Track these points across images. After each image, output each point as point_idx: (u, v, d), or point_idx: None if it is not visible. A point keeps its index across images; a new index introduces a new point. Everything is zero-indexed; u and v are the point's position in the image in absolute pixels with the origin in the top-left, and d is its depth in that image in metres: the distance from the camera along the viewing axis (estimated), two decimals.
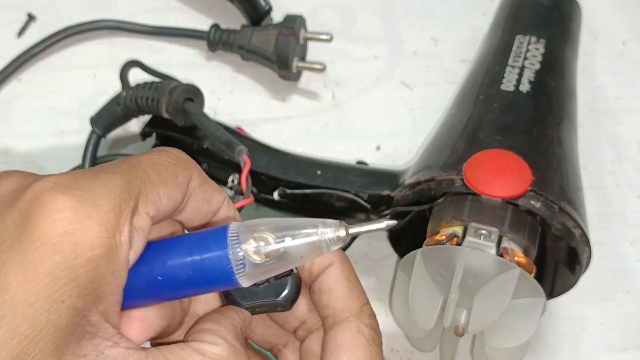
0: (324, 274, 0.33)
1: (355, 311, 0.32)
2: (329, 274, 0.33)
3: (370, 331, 0.32)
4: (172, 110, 0.47)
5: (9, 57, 0.57)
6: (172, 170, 0.29)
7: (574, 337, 0.48)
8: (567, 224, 0.41)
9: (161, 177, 0.28)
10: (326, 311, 0.33)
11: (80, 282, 0.25)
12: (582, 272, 0.43)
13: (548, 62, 0.50)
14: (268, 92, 0.58)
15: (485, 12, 0.61)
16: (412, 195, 0.44)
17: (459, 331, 0.40)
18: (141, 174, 0.28)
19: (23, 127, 0.55)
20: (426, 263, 0.41)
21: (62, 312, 0.24)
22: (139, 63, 0.53)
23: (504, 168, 0.42)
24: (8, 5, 0.61)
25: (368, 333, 0.32)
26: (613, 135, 0.57)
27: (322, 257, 0.33)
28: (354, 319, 0.32)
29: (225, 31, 0.57)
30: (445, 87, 0.58)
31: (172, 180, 0.29)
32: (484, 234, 0.40)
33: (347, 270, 0.33)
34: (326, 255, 0.33)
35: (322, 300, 0.33)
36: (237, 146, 0.42)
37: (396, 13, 0.63)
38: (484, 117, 0.47)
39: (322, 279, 0.33)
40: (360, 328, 0.32)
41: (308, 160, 0.50)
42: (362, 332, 0.32)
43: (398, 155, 0.55)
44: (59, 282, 0.24)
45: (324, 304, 0.33)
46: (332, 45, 0.57)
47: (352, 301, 0.33)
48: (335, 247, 0.29)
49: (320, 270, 0.33)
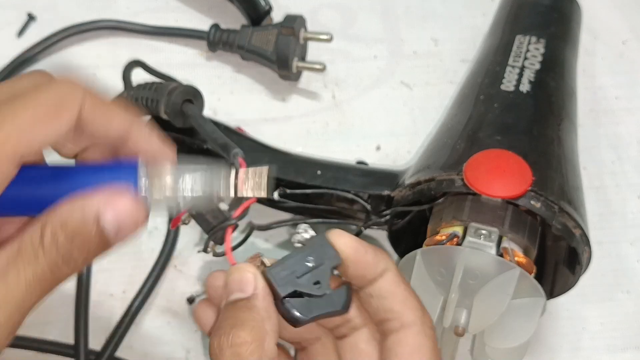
0: (382, 279, 0.34)
1: (419, 315, 0.33)
2: (388, 279, 0.34)
3: (434, 333, 0.34)
4: (171, 112, 0.47)
5: (9, 57, 0.57)
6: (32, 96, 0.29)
7: (574, 337, 0.49)
8: (567, 224, 0.41)
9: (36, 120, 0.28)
10: (389, 314, 0.33)
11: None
12: (582, 272, 0.43)
13: (548, 62, 0.50)
14: (268, 92, 0.58)
15: (485, 12, 0.61)
16: (412, 195, 0.44)
17: (459, 331, 0.40)
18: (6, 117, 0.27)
19: None
20: (426, 263, 0.41)
21: None
22: (141, 63, 0.53)
23: (504, 168, 0.42)
24: (8, 5, 0.61)
25: (433, 336, 0.33)
26: (613, 135, 0.57)
27: (376, 263, 0.34)
28: (420, 323, 0.33)
29: (225, 31, 0.57)
30: (445, 87, 0.58)
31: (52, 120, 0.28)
32: (484, 234, 0.40)
33: (402, 275, 0.34)
34: (380, 261, 0.34)
35: (383, 304, 0.34)
36: (232, 149, 0.42)
37: (396, 13, 0.63)
38: (484, 117, 0.47)
39: (380, 284, 0.34)
40: (426, 331, 0.33)
41: (308, 160, 0.50)
42: (428, 335, 0.33)
43: (398, 155, 0.55)
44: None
45: (386, 307, 0.34)
46: (332, 45, 0.57)
47: (415, 305, 0.34)
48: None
49: (376, 275, 0.34)
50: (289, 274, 0.32)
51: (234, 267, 0.33)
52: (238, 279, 0.32)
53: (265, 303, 0.32)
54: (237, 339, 0.30)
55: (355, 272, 0.33)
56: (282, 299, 0.32)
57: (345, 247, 0.33)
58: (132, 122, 0.31)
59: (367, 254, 0.34)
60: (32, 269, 0.27)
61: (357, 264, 0.33)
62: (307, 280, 0.32)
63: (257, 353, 0.30)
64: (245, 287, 0.32)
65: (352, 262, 0.33)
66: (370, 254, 0.34)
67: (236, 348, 0.30)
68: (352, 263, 0.33)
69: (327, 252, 0.33)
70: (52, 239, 0.28)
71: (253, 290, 0.32)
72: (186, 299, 0.49)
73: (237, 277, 0.32)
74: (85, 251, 0.28)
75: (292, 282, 0.32)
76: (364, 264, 0.33)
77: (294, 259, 0.32)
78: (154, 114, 0.48)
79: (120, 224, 0.28)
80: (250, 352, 0.30)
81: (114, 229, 0.28)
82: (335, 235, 0.33)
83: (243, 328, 0.30)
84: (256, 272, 0.32)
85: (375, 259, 0.34)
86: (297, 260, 0.32)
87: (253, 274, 0.32)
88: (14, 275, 0.27)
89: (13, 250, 0.28)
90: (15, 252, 0.28)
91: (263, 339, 0.30)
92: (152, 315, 0.48)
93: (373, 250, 0.34)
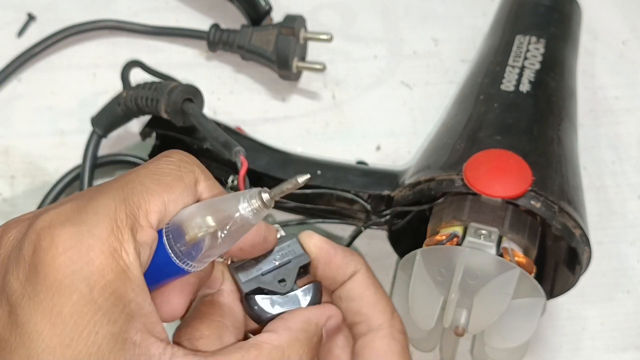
0: (351, 281, 0.34)
1: (388, 317, 0.33)
2: (357, 280, 0.34)
3: (403, 337, 0.33)
4: (171, 111, 0.47)
5: (9, 57, 0.57)
6: (176, 175, 0.29)
7: (574, 337, 0.48)
8: (567, 224, 0.41)
9: (163, 185, 0.28)
10: (357, 318, 0.33)
11: (104, 309, 0.26)
12: (582, 272, 0.43)
13: (548, 62, 0.50)
14: (268, 92, 0.58)
15: (485, 12, 0.61)
16: (412, 195, 0.44)
17: (459, 331, 0.40)
18: (138, 188, 0.28)
19: (23, 127, 0.55)
20: (426, 263, 0.41)
21: (100, 342, 0.25)
22: (140, 63, 0.53)
23: (504, 168, 0.42)
24: (8, 5, 0.61)
25: (402, 339, 0.33)
26: (613, 135, 0.57)
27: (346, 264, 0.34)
28: (388, 326, 0.33)
29: (225, 31, 0.57)
30: (445, 87, 0.58)
31: (178, 185, 0.29)
32: (484, 234, 0.40)
33: (373, 277, 0.34)
34: (350, 262, 0.34)
35: (351, 307, 0.34)
36: (234, 147, 0.42)
37: (396, 13, 0.63)
38: (484, 117, 0.47)
39: (349, 286, 0.34)
40: (394, 335, 0.33)
41: (308, 160, 0.50)
42: (396, 339, 0.33)
43: (398, 155, 0.55)
44: (85, 317, 0.25)
45: (354, 310, 0.33)
46: (332, 45, 0.57)
47: (383, 307, 0.33)
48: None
49: (346, 277, 0.34)
50: (253, 271, 0.32)
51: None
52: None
53: (229, 299, 0.32)
54: (196, 331, 0.30)
55: (325, 273, 0.33)
56: (245, 295, 0.32)
57: (314, 247, 0.33)
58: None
59: (337, 255, 0.33)
60: None
61: (327, 265, 0.33)
62: (272, 277, 0.32)
63: (213, 347, 0.30)
64: (212, 283, 0.32)
65: (322, 263, 0.33)
66: (339, 255, 0.34)
67: (193, 340, 0.30)
68: (321, 264, 0.33)
69: (296, 251, 0.33)
70: None
71: (219, 287, 0.32)
72: None
73: None
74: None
75: (256, 279, 0.32)
76: (333, 265, 0.33)
77: (261, 257, 0.33)
78: (155, 114, 0.48)
79: None
80: (206, 345, 0.30)
81: None
82: (305, 236, 0.34)
83: (202, 322, 0.31)
84: (224, 269, 0.33)
85: (344, 260, 0.34)
86: (263, 257, 0.33)
87: (221, 271, 0.33)
88: None
89: None
90: None
91: (222, 334, 0.31)
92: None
93: (343, 252, 0.34)
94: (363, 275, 0.34)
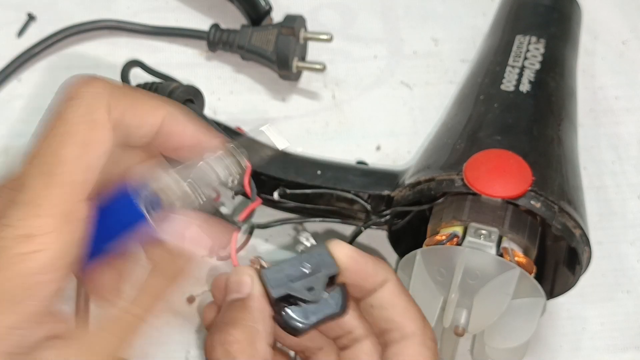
0: (383, 290, 0.34)
1: (420, 325, 0.33)
2: (388, 289, 0.34)
3: (434, 345, 0.34)
4: None
5: (9, 57, 0.57)
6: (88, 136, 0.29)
7: (574, 337, 0.48)
8: (567, 224, 0.41)
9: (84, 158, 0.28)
10: (390, 325, 0.33)
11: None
12: (582, 272, 0.43)
13: (548, 62, 0.50)
14: (268, 92, 0.58)
15: (485, 12, 0.61)
16: (412, 195, 0.44)
17: (459, 331, 0.40)
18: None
19: (23, 127, 0.55)
20: (426, 263, 0.41)
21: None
22: (140, 63, 0.53)
23: (504, 168, 0.42)
24: (8, 5, 0.61)
25: (434, 347, 0.34)
26: (613, 135, 0.57)
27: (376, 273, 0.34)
28: (421, 334, 0.33)
29: (225, 31, 0.57)
30: (445, 87, 0.58)
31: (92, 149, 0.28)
32: (484, 234, 0.40)
33: (402, 285, 0.34)
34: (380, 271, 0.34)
35: (383, 315, 0.34)
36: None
37: (396, 13, 0.63)
38: (484, 117, 0.47)
39: (381, 294, 0.34)
40: (426, 342, 0.33)
41: (308, 160, 0.50)
42: (428, 346, 0.33)
43: (398, 155, 0.55)
44: None
45: (386, 318, 0.34)
46: (332, 45, 0.57)
47: (415, 316, 0.34)
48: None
49: (376, 286, 0.34)
50: (283, 277, 0.32)
51: (234, 269, 0.33)
52: (236, 281, 0.32)
53: (261, 304, 0.32)
54: (229, 336, 0.30)
55: (355, 282, 0.34)
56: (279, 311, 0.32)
57: (344, 257, 0.33)
58: (167, 115, 0.31)
59: (367, 265, 0.34)
60: None
61: (356, 274, 0.33)
62: (301, 285, 0.32)
63: (247, 352, 0.30)
64: (242, 288, 0.32)
65: (351, 272, 0.33)
66: (370, 264, 0.34)
67: (227, 346, 0.30)
68: (351, 273, 0.33)
69: (325, 260, 0.33)
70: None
71: (249, 291, 0.32)
72: (186, 298, 0.49)
73: (236, 279, 0.33)
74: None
75: (285, 285, 0.32)
76: (363, 274, 0.34)
77: (290, 263, 0.33)
78: None
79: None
80: (240, 350, 0.30)
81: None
82: (335, 245, 0.34)
83: (235, 327, 0.31)
84: (253, 274, 0.33)
85: (375, 269, 0.34)
86: (293, 265, 0.33)
87: (250, 276, 0.32)
88: None
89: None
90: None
91: (254, 339, 0.31)
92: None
93: (373, 261, 0.34)
94: (394, 284, 0.34)
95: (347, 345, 0.35)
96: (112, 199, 0.30)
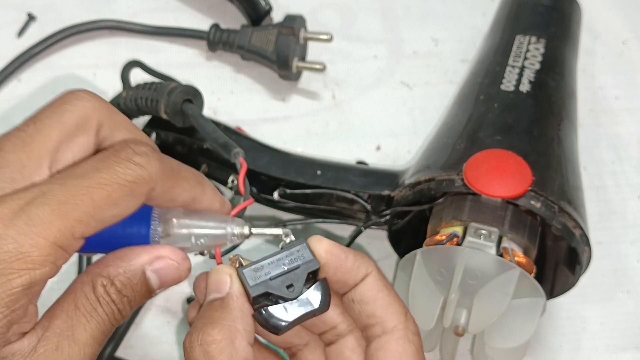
0: (364, 284, 0.33)
1: (402, 319, 0.33)
2: (369, 283, 0.34)
3: (418, 339, 0.33)
4: (171, 112, 0.47)
5: (9, 57, 0.57)
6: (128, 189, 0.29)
7: (574, 337, 0.48)
8: (567, 224, 0.41)
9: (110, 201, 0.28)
10: (371, 320, 0.33)
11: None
12: (582, 272, 0.43)
13: (548, 62, 0.50)
14: (268, 92, 0.58)
15: (485, 12, 0.61)
16: (412, 195, 0.44)
17: (459, 331, 0.40)
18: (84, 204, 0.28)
19: None
20: (426, 263, 0.41)
21: None
22: (140, 63, 0.53)
23: (504, 168, 0.42)
24: (8, 5, 0.61)
25: (417, 341, 0.33)
26: (613, 135, 0.57)
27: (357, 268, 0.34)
28: (403, 328, 0.33)
29: (225, 31, 0.57)
30: (445, 87, 0.58)
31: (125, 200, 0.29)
32: (484, 234, 0.40)
33: (384, 278, 0.34)
34: (361, 265, 0.34)
35: (365, 309, 0.33)
36: (233, 148, 0.42)
37: (396, 13, 0.63)
38: (484, 117, 0.47)
39: (362, 288, 0.33)
40: (409, 336, 0.33)
41: (308, 160, 0.50)
42: (411, 341, 0.33)
43: (398, 155, 0.55)
44: None
45: (368, 313, 0.33)
46: (332, 45, 0.57)
47: (397, 309, 0.33)
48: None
49: (357, 280, 0.34)
50: (262, 275, 0.32)
51: (214, 269, 0.33)
52: (215, 280, 0.32)
53: (240, 303, 0.32)
54: (207, 337, 0.30)
55: (336, 277, 0.33)
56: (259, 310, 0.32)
57: (324, 252, 0.33)
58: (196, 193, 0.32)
59: (347, 259, 0.33)
60: (95, 322, 0.29)
61: (337, 269, 0.33)
62: (280, 282, 0.32)
63: (226, 352, 0.30)
64: (221, 287, 0.32)
65: (331, 268, 0.33)
66: (350, 259, 0.33)
67: (205, 346, 0.30)
68: (331, 269, 0.33)
69: (305, 256, 0.33)
70: (105, 292, 0.29)
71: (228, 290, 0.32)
72: (185, 298, 0.49)
73: (215, 278, 0.32)
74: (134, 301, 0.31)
75: (264, 283, 0.32)
76: (344, 269, 0.33)
77: (270, 261, 0.32)
78: (154, 114, 0.48)
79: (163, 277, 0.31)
80: (219, 350, 0.30)
81: (158, 281, 0.31)
82: (315, 241, 0.33)
83: (214, 326, 0.31)
84: (233, 272, 0.32)
85: (355, 263, 0.33)
86: (273, 262, 0.32)
87: (229, 274, 0.32)
88: (81, 332, 0.29)
89: (70, 307, 0.29)
90: (73, 309, 0.29)
91: (234, 338, 0.30)
92: (152, 315, 0.48)
93: (354, 255, 0.34)
94: (374, 278, 0.34)
95: (332, 340, 0.35)
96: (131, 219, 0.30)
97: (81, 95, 0.32)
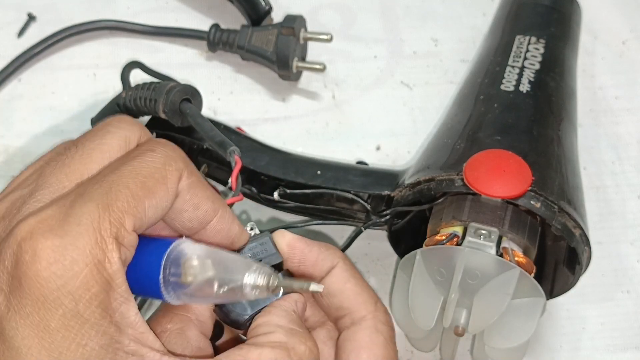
0: (330, 276, 0.33)
1: (370, 309, 0.33)
2: (335, 275, 0.33)
3: (387, 328, 0.33)
4: (169, 111, 0.46)
5: (9, 57, 0.57)
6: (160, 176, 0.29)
7: (574, 337, 0.48)
8: (567, 224, 0.41)
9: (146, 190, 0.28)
10: (340, 312, 0.33)
11: (92, 322, 0.25)
12: (582, 272, 0.43)
13: (548, 62, 0.50)
14: (268, 92, 0.58)
15: (485, 12, 0.61)
16: (412, 195, 0.44)
17: (459, 331, 0.40)
18: (123, 192, 0.27)
19: (23, 127, 0.55)
20: (426, 263, 0.41)
21: (88, 354, 0.25)
22: (140, 64, 0.53)
23: (504, 168, 0.42)
24: (8, 5, 0.61)
25: (386, 331, 0.33)
26: (613, 135, 0.57)
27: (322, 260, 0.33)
28: (371, 318, 0.33)
29: (225, 31, 0.57)
30: (445, 87, 0.58)
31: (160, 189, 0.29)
32: (484, 234, 0.40)
33: (352, 269, 0.34)
34: (327, 258, 0.33)
35: (333, 302, 0.33)
36: (229, 147, 0.42)
37: (396, 13, 0.63)
38: (484, 117, 0.47)
39: (328, 280, 0.33)
40: (378, 326, 0.33)
41: (308, 160, 0.50)
42: (380, 331, 0.33)
43: (398, 155, 0.55)
44: (72, 330, 0.25)
45: (336, 305, 0.33)
46: (332, 45, 0.57)
47: (365, 300, 0.33)
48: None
49: (324, 273, 0.33)
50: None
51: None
52: None
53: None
54: (158, 326, 0.31)
55: (300, 270, 0.33)
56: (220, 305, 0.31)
57: (286, 246, 0.33)
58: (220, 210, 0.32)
59: (311, 253, 0.33)
60: None
61: (301, 263, 0.33)
62: None
63: (177, 340, 0.30)
64: None
65: (295, 262, 0.33)
66: (314, 251, 0.33)
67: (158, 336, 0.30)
68: (294, 262, 0.33)
69: (268, 250, 0.33)
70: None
71: None
72: None
73: None
74: None
75: None
76: (308, 263, 0.33)
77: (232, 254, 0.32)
78: (153, 114, 0.48)
79: None
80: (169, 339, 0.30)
81: None
82: (278, 234, 0.33)
83: (165, 315, 0.31)
84: None
85: (320, 256, 0.33)
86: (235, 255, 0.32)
87: None
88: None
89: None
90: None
91: (185, 327, 0.31)
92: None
93: (318, 248, 0.34)
94: (341, 269, 0.33)
95: None
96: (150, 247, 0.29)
97: (123, 119, 0.32)
